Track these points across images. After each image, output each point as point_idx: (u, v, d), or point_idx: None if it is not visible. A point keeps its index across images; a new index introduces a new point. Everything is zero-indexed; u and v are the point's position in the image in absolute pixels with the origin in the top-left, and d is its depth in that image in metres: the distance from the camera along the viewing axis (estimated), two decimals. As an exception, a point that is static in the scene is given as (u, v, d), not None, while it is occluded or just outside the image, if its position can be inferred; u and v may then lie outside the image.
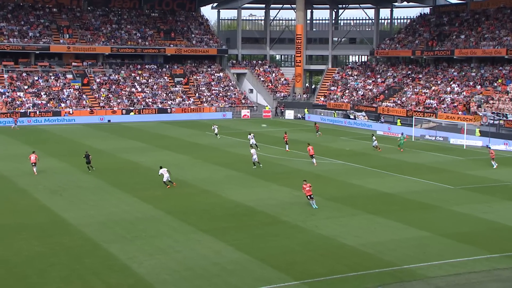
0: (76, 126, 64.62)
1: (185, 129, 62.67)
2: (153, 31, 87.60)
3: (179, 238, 24.14)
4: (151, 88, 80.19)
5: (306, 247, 23.23)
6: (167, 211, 28.16)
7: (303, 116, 76.82)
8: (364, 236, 24.69)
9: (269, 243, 23.69)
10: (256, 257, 21.94)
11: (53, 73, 77.20)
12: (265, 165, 41.40)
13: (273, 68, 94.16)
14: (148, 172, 38.33)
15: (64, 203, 29.62)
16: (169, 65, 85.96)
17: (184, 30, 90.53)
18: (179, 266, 20.90)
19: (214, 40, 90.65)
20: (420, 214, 28.54)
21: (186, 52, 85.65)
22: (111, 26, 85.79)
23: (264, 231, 25.33)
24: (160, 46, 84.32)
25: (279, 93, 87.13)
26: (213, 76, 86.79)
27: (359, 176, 37.88)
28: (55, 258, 21.46)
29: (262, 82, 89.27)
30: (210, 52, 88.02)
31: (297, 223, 26.59)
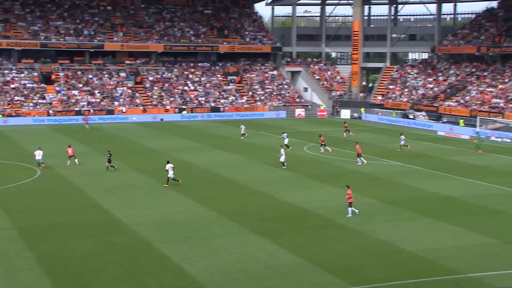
0: (129, 125, 66.19)
1: (238, 129, 62.98)
2: (206, 28, 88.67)
3: (232, 239, 24.33)
4: (204, 86, 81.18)
5: (362, 252, 22.96)
6: (220, 212, 28.43)
7: (359, 116, 75.95)
8: (424, 242, 24.18)
9: (324, 247, 23.56)
10: (310, 260, 21.86)
11: (107, 71, 79.38)
12: (320, 166, 41.17)
13: (329, 66, 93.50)
14: (201, 172, 38.81)
15: (117, 202, 30.40)
16: (222, 63, 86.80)
17: (238, 27, 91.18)
18: (232, 268, 21.07)
19: (268, 37, 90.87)
20: (485, 219, 27.69)
21: (239, 49, 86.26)
22: (164, 23, 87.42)
23: (319, 234, 25.20)
24: (213, 43, 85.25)
25: (334, 91, 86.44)
26: (266, 74, 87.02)
27: (419, 179, 37.12)
28: (110, 257, 22.06)
29: (317, 80, 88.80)
30: (264, 50, 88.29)
31: (353, 226, 26.32)
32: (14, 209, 28.48)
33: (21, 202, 29.99)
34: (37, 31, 78.73)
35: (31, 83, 73.81)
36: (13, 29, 77.86)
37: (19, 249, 22.71)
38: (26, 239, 23.89)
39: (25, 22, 79.89)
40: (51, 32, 79.05)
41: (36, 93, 72.23)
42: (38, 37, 77.50)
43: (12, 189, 32.86)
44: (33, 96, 71.53)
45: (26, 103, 69.92)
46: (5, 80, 73.04)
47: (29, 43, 76.01)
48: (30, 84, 73.49)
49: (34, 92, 72.27)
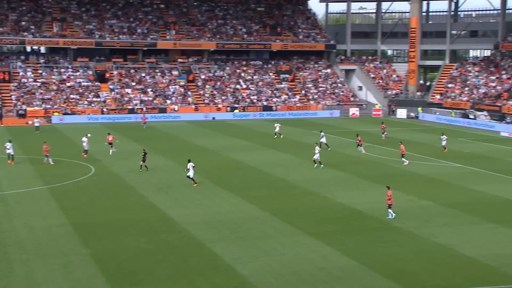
0: (181, 123, 67.20)
1: (291, 128, 63.02)
2: (259, 26, 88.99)
3: (284, 240, 24.35)
4: (256, 84, 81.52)
5: (419, 256, 22.54)
6: (272, 212, 28.50)
7: (416, 116, 74.52)
8: (485, 247, 23.51)
9: (379, 250, 23.27)
10: (364, 263, 21.64)
11: (159, 70, 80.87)
12: (374, 167, 40.65)
13: (384, 64, 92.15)
14: (252, 171, 39.00)
15: (169, 200, 30.93)
16: (274, 61, 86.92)
17: (291, 24, 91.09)
18: (284, 270, 21.08)
19: (322, 34, 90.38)
20: (552, 226, 26.64)
21: (292, 47, 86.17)
22: (216, 21, 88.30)
23: (373, 237, 24.90)
24: (265, 41, 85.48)
25: (390, 90, 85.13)
26: (320, 73, 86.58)
27: (480, 181, 36.11)
28: (162, 255, 22.48)
29: (372, 79, 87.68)
30: (318, 48, 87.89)
31: (410, 229, 25.87)
32: (69, 206, 29.42)
33: (76, 199, 30.95)
34: (92, 30, 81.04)
35: (86, 81, 76.03)
36: (69, 28, 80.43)
37: (75, 245, 23.44)
38: (82, 235, 24.64)
39: (81, 21, 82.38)
40: (105, 31, 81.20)
41: (90, 91, 74.35)
42: (93, 36, 79.76)
43: (67, 186, 33.96)
44: (87, 94, 73.67)
45: (81, 101, 72.08)
46: (62, 79, 75.50)
47: (85, 42, 78.33)
48: (85, 83, 75.71)
49: (89, 91, 74.42)
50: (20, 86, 72.70)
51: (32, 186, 33.68)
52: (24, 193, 32.02)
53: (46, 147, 40.42)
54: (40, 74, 75.65)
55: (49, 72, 76.34)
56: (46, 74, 75.75)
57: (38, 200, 30.52)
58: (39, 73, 75.89)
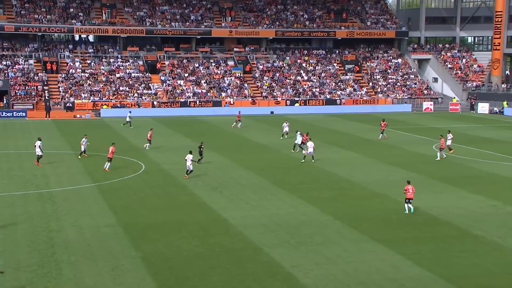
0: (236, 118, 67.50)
1: (357, 124, 62.32)
2: (322, 11, 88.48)
3: (349, 247, 24.12)
4: (319, 76, 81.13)
5: (506, 270, 21.84)
6: (336, 216, 28.28)
7: (501, 110, 72.31)
8: None
9: (457, 260, 22.69)
10: (440, 275, 21.16)
11: (214, 60, 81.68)
12: (450, 167, 39.67)
13: (464, 52, 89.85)
14: (314, 171, 38.83)
15: (224, 201, 31.18)
16: (339, 50, 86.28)
17: (358, 10, 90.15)
18: (350, 279, 20.88)
19: (392, 20, 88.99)
20: None
21: (359, 35, 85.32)
22: (276, 7, 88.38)
23: (451, 246, 24.32)
24: (329, 28, 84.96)
25: (470, 82, 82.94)
26: (390, 63, 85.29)
27: None
28: (216, 260, 22.69)
29: (449, 69, 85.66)
30: (387, 35, 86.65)
31: (493, 238, 25.12)
32: (119, 205, 30.12)
33: (125, 198, 31.65)
34: (142, 17, 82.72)
35: (136, 72, 77.69)
36: (119, 15, 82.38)
37: (124, 247, 23.98)
38: (131, 237, 25.18)
39: (131, 7, 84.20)
40: (157, 18, 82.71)
41: (141, 83, 75.91)
42: (143, 23, 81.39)
43: (117, 184, 34.77)
44: (138, 86, 75.26)
45: (131, 93, 73.71)
46: (111, 69, 77.43)
47: (135, 30, 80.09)
48: (135, 74, 77.37)
49: (139, 82, 75.99)
50: (68, 77, 75.05)
51: (80, 184, 34.68)
52: (72, 191, 33.01)
53: (112, 150, 38.20)
54: (88, 65, 77.85)
55: (98, 62, 78.44)
56: (94, 65, 77.88)
57: (86, 199, 31.39)
58: (87, 63, 78.11)
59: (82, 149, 41.73)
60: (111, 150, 38.13)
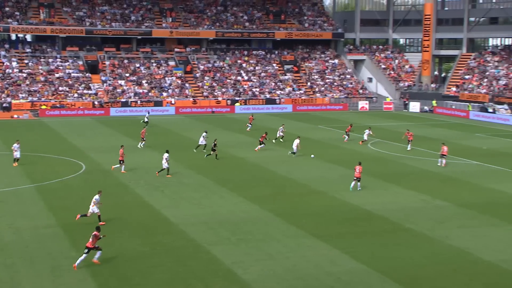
0: (178, 117, 67.19)
1: (295, 122, 62.98)
2: (262, 13, 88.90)
3: (289, 243, 24.37)
4: (259, 76, 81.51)
5: (434, 260, 22.54)
6: (276, 213, 28.51)
7: (431, 109, 74.45)
8: (507, 251, 23.52)
9: (390, 253, 23.28)
10: (375, 268, 21.65)
11: (155, 60, 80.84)
12: (385, 164, 40.62)
13: (396, 54, 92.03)
14: (254, 169, 39.01)
15: (165, 200, 30.95)
16: (278, 51, 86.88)
17: (296, 12, 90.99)
18: (289, 274, 21.10)
19: (329, 22, 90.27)
20: None
21: (297, 36, 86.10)
22: (216, 8, 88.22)
23: (384, 239, 24.92)
24: (268, 30, 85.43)
25: (402, 82, 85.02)
26: (327, 63, 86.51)
27: (500, 180, 36.10)
28: (158, 259, 22.51)
29: (383, 69, 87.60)
30: (324, 36, 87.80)
31: (423, 231, 25.88)
32: (58, 206, 29.45)
33: (65, 199, 30.98)
34: (82, 17, 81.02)
35: (76, 72, 76.05)
36: (57, 15, 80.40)
37: (64, 248, 23.47)
38: (71, 237, 24.67)
39: (70, 7, 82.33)
40: (96, 18, 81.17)
41: (81, 83, 74.36)
42: (83, 23, 79.73)
43: (56, 185, 33.97)
44: (78, 86, 73.68)
45: (70, 93, 72.10)
46: (50, 69, 75.50)
47: (74, 30, 78.34)
48: (75, 74, 75.72)
49: (79, 82, 74.42)
50: (4, 77, 72.74)
51: (18, 185, 33.71)
52: (9, 192, 32.06)
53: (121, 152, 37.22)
54: (26, 65, 75.68)
55: (36, 62, 76.36)
56: (32, 65, 75.77)
57: (25, 200, 30.56)
58: (25, 63, 75.92)
59: (14, 156, 38.31)
60: (121, 152, 37.28)
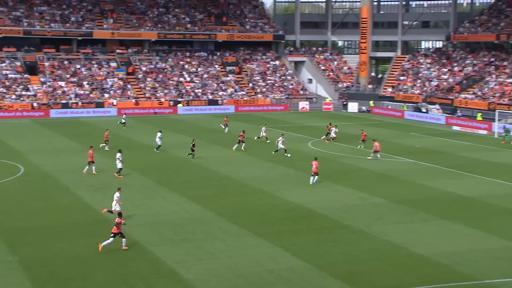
0: (120, 119, 66.07)
1: (238, 123, 63.06)
2: (203, 15, 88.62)
3: (231, 242, 24.37)
4: (201, 77, 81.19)
5: (371, 255, 22.99)
6: (218, 212, 28.46)
7: (368, 109, 75.95)
8: (438, 245, 24.20)
9: (329, 250, 23.59)
10: (315, 264, 21.89)
11: (96, 61, 79.37)
12: (325, 163, 41.22)
13: (335, 55, 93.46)
14: (197, 169, 38.83)
15: (107, 202, 30.36)
16: (220, 53, 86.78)
17: (237, 14, 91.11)
18: (231, 273, 21.10)
19: (270, 24, 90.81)
20: (504, 221, 27.71)
21: (239, 38, 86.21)
22: (158, 9, 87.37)
23: (324, 236, 25.24)
24: (210, 31, 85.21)
25: (341, 83, 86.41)
26: (268, 65, 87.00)
27: (432, 177, 37.14)
28: (99, 261, 22.09)
29: (322, 71, 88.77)
30: (265, 38, 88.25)
31: (361, 228, 26.35)
32: (-5, 209, 28.49)
33: (2, 202, 30.01)
34: (19, 17, 78.68)
35: (14, 73, 73.81)
36: (-6, 15, 77.80)
37: (0, 252, 22.71)
38: (8, 242, 23.91)
39: (6, 7, 79.83)
40: (35, 19, 79.01)
41: (19, 84, 72.22)
42: (21, 24, 77.44)
43: (-7, 188, 32.86)
44: (15, 87, 71.53)
45: (8, 95, 69.92)
46: (-14, 71, 73.01)
47: (11, 30, 76.01)
48: (13, 75, 73.48)
49: (17, 83, 72.26)
50: None
51: (-47, 189, 32.45)
52: None
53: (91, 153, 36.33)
54: (-38, 66, 72.93)
55: (-28, 63, 73.68)
56: (-31, 66, 73.11)
57: (-39, 204, 29.42)
58: (-40, 64, 73.14)
59: None
60: (90, 153, 36.68)
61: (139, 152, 44.60)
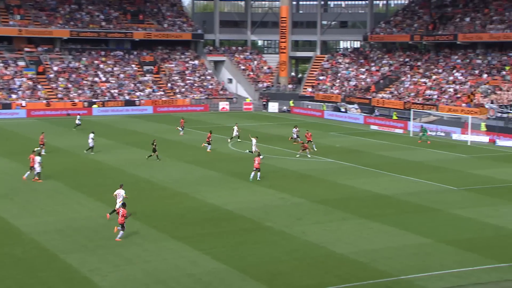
0: (30, 121, 63.92)
1: (156, 124, 62.43)
2: (119, 12, 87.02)
3: (149, 246, 24.05)
4: (117, 77, 79.69)
5: (291, 256, 23.30)
6: (135, 217, 28.00)
7: (288, 109, 77.00)
8: (356, 243, 24.86)
9: (250, 252, 23.73)
10: (235, 267, 21.96)
11: (2, 60, 76.28)
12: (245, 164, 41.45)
13: (255, 55, 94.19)
14: (114, 172, 38.13)
15: (15, 208, 29.32)
16: (137, 52, 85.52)
17: (154, 12, 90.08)
18: (149, 278, 20.81)
19: (188, 23, 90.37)
20: (419, 218, 28.80)
21: (156, 36, 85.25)
22: (70, 6, 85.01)
23: (244, 238, 25.36)
24: (126, 30, 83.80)
25: (261, 83, 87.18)
26: (187, 64, 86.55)
27: (351, 176, 38.14)
28: (5, 271, 21.23)
29: (242, 71, 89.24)
30: (184, 37, 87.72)
31: (281, 229, 26.67)
32: None
33: None
34: None
35: None
36: None
37: None
38: None
39: None
40: None
41: None
42: None
43: None
44: None
45: None
46: None
47: None
48: None
49: None
50: None
51: None
52: None
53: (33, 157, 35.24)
54: None
55: None
56: None
57: None
58: None
59: None
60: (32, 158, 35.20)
61: (49, 155, 43.18)
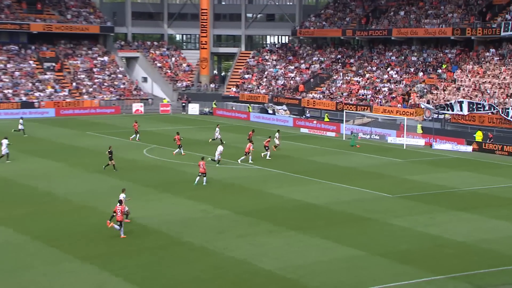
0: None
1: (58, 129, 61.06)
2: (12, 1, 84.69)
3: (49, 270, 23.53)
4: (11, 75, 77.51)
5: (213, 274, 23.31)
6: (34, 236, 27.33)
7: (210, 111, 77.06)
8: (284, 258, 25.11)
9: (166, 271, 23.57)
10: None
11: None
12: (162, 173, 41.18)
13: (173, 51, 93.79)
14: (9, 185, 37.14)
15: None
16: (35, 46, 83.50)
17: (55, 1, 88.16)
18: (49, 306, 20.33)
19: (96, 14, 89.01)
20: (351, 229, 29.40)
21: (58, 29, 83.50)
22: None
23: (159, 255, 25.17)
24: (22, 20, 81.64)
25: (180, 82, 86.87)
26: (95, 61, 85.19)
27: (279, 184, 38.54)
28: None
29: (158, 68, 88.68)
30: (91, 30, 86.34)
31: (202, 244, 26.63)
32: None
33: None
34: None
35: None
36: None
37: None
38: None
39: None
40: None
41: None
42: None
43: None
44: None
45: None
46: None
47: None
48: None
49: None
50: None
51: None
52: None
53: None
54: None
55: None
56: None
57: None
58: None
59: None
60: None
61: None
